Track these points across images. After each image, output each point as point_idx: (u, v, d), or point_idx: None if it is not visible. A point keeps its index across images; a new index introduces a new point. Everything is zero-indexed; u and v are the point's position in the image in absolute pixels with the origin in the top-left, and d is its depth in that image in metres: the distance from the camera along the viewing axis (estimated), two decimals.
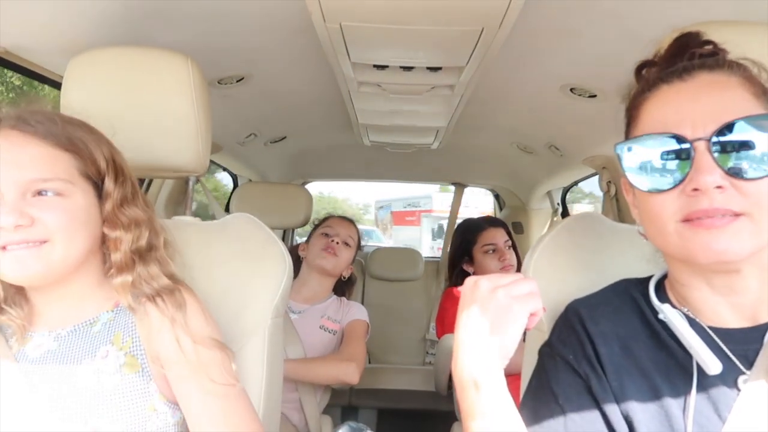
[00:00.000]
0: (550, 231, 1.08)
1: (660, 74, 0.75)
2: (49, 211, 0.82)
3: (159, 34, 1.34)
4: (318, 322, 1.99)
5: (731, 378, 0.70)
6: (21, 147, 0.82)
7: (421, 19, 1.24)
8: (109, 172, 0.90)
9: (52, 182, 0.82)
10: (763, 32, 0.86)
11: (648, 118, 0.73)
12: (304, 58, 1.65)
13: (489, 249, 2.23)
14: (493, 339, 0.72)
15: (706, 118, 0.67)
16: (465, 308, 0.75)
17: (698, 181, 0.65)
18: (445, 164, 3.28)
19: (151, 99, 1.06)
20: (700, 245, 0.66)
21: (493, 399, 0.71)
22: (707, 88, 0.70)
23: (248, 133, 2.40)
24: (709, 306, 0.74)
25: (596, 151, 2.18)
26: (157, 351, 0.89)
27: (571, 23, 1.31)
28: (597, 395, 0.75)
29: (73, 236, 0.84)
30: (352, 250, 2.17)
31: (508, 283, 0.74)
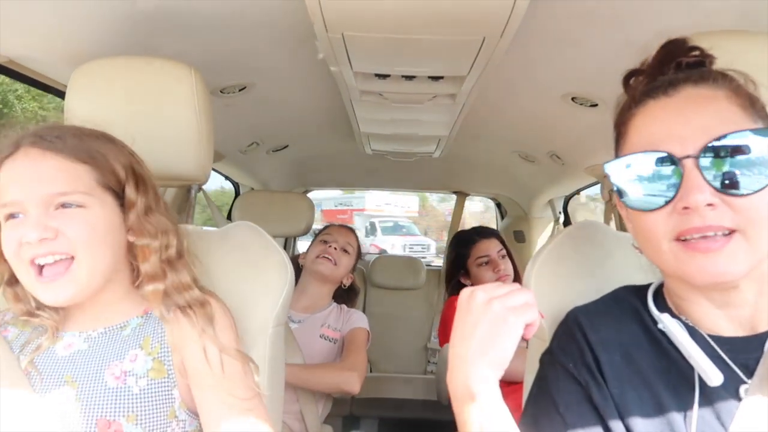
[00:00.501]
0: (552, 240, 1.08)
1: (646, 89, 0.74)
2: (71, 224, 0.85)
3: (162, 44, 1.34)
4: (318, 330, 1.98)
5: (733, 387, 0.70)
6: (40, 162, 0.85)
7: (423, 28, 1.25)
8: (129, 181, 0.92)
9: (72, 195, 0.85)
10: (764, 42, 0.86)
11: (635, 134, 0.73)
12: (306, 68, 1.65)
13: (482, 261, 2.22)
14: (488, 350, 0.71)
15: (694, 135, 0.66)
16: (460, 319, 0.75)
17: (688, 199, 0.65)
18: (446, 173, 3.28)
19: (154, 108, 1.06)
20: (697, 268, 0.66)
21: (489, 410, 0.71)
22: (693, 103, 0.69)
23: (250, 142, 2.41)
24: (708, 317, 0.74)
25: (598, 159, 2.18)
26: (184, 360, 0.91)
27: (572, 33, 1.31)
28: (597, 404, 0.74)
29: (96, 248, 0.87)
30: (352, 258, 2.16)
31: (504, 294, 0.74)
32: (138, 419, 0.87)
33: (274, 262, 1.13)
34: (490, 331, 0.72)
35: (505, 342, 0.71)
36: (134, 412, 0.87)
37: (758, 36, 0.89)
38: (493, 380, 0.72)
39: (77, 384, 0.88)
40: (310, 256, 2.12)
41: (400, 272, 3.51)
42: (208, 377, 0.90)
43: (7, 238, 0.85)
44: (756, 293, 0.71)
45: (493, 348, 0.71)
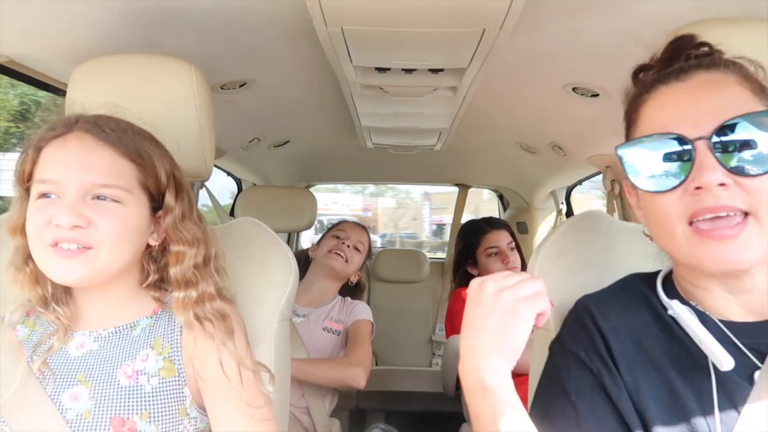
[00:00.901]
0: (554, 230, 1.08)
1: (657, 76, 0.75)
2: (104, 217, 0.85)
3: (162, 41, 1.34)
4: (322, 324, 1.98)
5: (746, 372, 0.70)
6: (91, 150, 0.86)
7: (423, 21, 1.25)
8: (170, 186, 0.93)
9: (113, 189, 0.86)
10: (763, 29, 0.86)
11: (647, 119, 0.74)
12: (306, 62, 1.65)
13: (492, 252, 2.22)
14: (500, 342, 0.71)
15: (706, 117, 0.67)
16: (470, 311, 0.75)
17: (701, 179, 0.65)
18: (448, 165, 3.28)
19: (155, 105, 1.06)
20: (711, 256, 0.66)
21: (501, 401, 0.70)
22: (705, 86, 0.70)
23: (251, 138, 2.41)
24: (719, 303, 0.74)
25: (600, 149, 2.17)
26: (199, 370, 0.92)
27: (572, 23, 1.31)
28: (610, 391, 0.74)
29: (121, 245, 0.87)
30: (362, 256, 2.17)
31: (514, 284, 0.73)
32: (151, 417, 0.88)
33: (278, 257, 1.13)
34: (502, 323, 0.71)
35: (516, 333, 0.71)
36: (147, 410, 0.88)
37: (759, 23, 0.89)
38: (505, 371, 0.71)
39: (90, 383, 0.88)
40: (321, 249, 2.11)
41: (403, 265, 3.52)
42: (223, 388, 0.91)
43: (35, 215, 0.84)
44: (766, 278, 0.71)
45: (505, 339, 0.71)
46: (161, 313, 0.97)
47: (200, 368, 0.92)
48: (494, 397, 0.70)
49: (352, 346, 1.93)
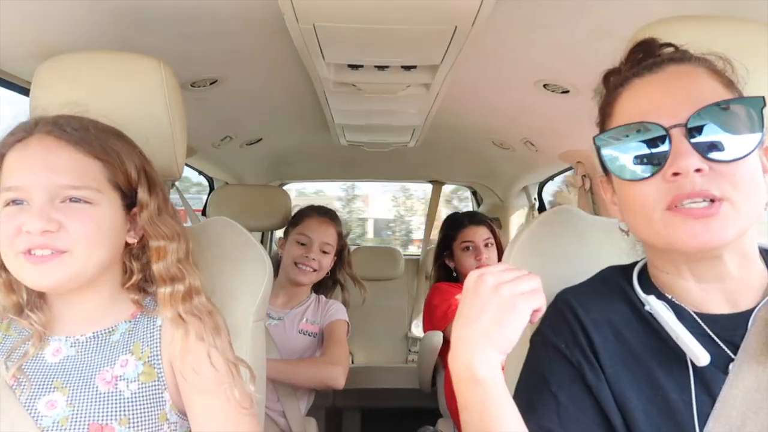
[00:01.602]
0: (527, 225, 1.09)
1: (631, 71, 0.76)
2: (75, 219, 0.83)
3: (130, 38, 1.32)
4: (297, 326, 1.94)
5: (722, 364, 0.71)
6: (54, 152, 0.83)
7: (394, 18, 1.25)
8: (141, 182, 0.91)
9: (82, 190, 0.84)
10: (729, 26, 0.88)
11: (622, 111, 0.75)
12: (278, 60, 1.64)
13: (466, 246, 2.24)
14: (493, 335, 0.71)
15: (680, 105, 0.69)
16: (466, 302, 0.75)
17: (678, 165, 0.67)
18: (422, 162, 3.29)
19: (123, 104, 1.04)
20: (687, 234, 0.68)
21: (492, 393, 0.71)
22: (678, 77, 0.72)
23: (223, 136, 2.38)
24: (693, 293, 0.76)
25: (571, 145, 2.20)
26: (182, 366, 0.90)
27: (543, 19, 1.32)
28: (590, 383, 0.75)
29: (96, 246, 0.86)
30: (333, 252, 2.07)
31: (513, 279, 0.74)
32: (130, 422, 0.86)
33: (252, 257, 1.12)
34: (497, 316, 0.71)
35: (511, 327, 0.71)
36: (126, 415, 0.87)
37: (724, 20, 0.91)
38: (496, 364, 0.72)
39: (68, 390, 0.87)
40: (287, 255, 2.00)
41: (378, 263, 3.52)
42: (211, 384, 0.89)
43: (4, 223, 0.82)
44: (738, 266, 0.73)
45: (499, 333, 0.71)
46: (140, 317, 0.95)
47: (185, 366, 0.90)
48: (484, 389, 0.71)
49: (330, 345, 1.90)
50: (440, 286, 2.28)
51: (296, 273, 1.96)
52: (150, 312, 0.95)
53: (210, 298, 0.98)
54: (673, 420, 0.70)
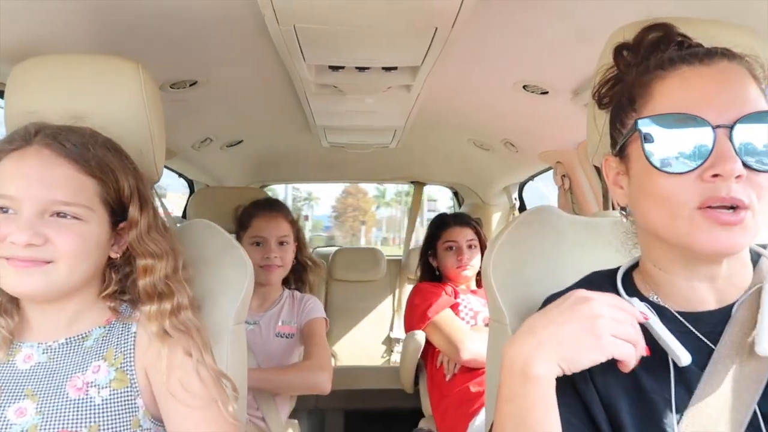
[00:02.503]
0: (508, 225, 1.10)
1: (679, 54, 0.74)
2: (63, 235, 0.82)
3: (107, 40, 1.30)
4: (274, 329, 1.88)
5: (705, 360, 0.72)
6: (51, 167, 0.83)
7: (375, 19, 1.25)
8: (134, 200, 0.91)
9: (74, 207, 0.84)
10: (702, 28, 0.89)
11: (667, 97, 0.72)
12: (258, 61, 1.63)
13: (449, 246, 2.25)
14: (566, 348, 0.69)
15: (729, 106, 0.67)
16: (557, 308, 0.72)
17: (722, 167, 0.65)
18: (403, 163, 3.30)
19: (101, 107, 1.03)
20: (710, 237, 0.67)
21: (542, 394, 0.69)
22: (728, 75, 0.70)
23: (203, 138, 2.36)
24: (683, 291, 0.76)
25: (550, 146, 2.23)
26: (171, 382, 0.88)
27: (522, 21, 1.34)
28: (578, 387, 0.76)
29: (79, 262, 0.85)
30: (290, 244, 1.96)
31: (620, 319, 0.70)
32: (101, 429, 0.85)
33: (232, 259, 1.12)
34: (580, 337, 0.68)
35: (586, 354, 0.68)
36: (96, 422, 0.85)
37: (700, 23, 0.93)
38: (554, 371, 0.69)
39: (38, 397, 0.85)
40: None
41: (360, 265, 3.52)
42: (198, 400, 0.88)
43: None
44: (729, 267, 0.74)
45: (570, 350, 0.68)
46: (115, 323, 0.93)
47: (172, 382, 0.88)
48: (536, 388, 0.69)
49: (312, 348, 1.85)
50: (421, 285, 2.29)
51: (263, 274, 1.89)
52: (125, 318, 0.94)
53: (198, 311, 0.97)
54: (655, 420, 0.71)
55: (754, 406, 0.67)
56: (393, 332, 3.40)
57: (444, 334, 2.03)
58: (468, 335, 1.98)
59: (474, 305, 2.14)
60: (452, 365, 2.06)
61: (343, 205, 43.76)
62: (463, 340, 1.95)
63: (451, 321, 2.05)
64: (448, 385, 2.05)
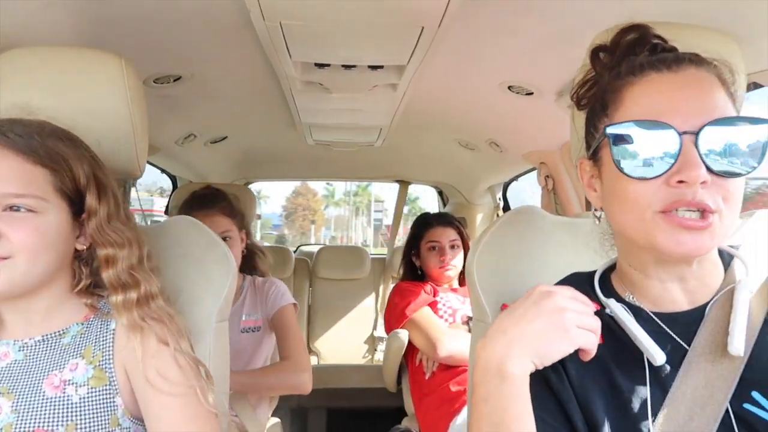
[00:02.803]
0: (492, 225, 1.11)
1: (648, 61, 0.75)
2: (18, 229, 0.80)
3: (89, 32, 1.28)
4: (238, 325, 1.81)
5: (678, 361, 0.73)
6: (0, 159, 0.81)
7: (362, 17, 1.25)
8: (90, 189, 0.88)
9: (26, 198, 0.81)
10: (685, 32, 0.91)
11: (635, 103, 0.74)
12: (244, 57, 1.62)
13: (432, 246, 2.26)
14: (536, 343, 0.71)
15: (695, 112, 0.69)
16: (523, 305, 0.74)
17: (687, 174, 0.67)
18: (388, 162, 3.30)
19: (83, 101, 1.01)
20: (675, 241, 0.68)
21: (517, 393, 0.71)
22: (696, 82, 0.72)
23: (187, 134, 2.34)
24: (657, 292, 0.77)
25: (534, 146, 2.25)
26: (148, 371, 0.87)
27: (508, 22, 1.34)
28: (554, 387, 0.77)
29: (38, 255, 0.83)
30: (235, 235, 1.81)
31: (581, 310, 0.73)
32: (78, 428, 0.84)
33: (215, 256, 1.11)
34: (549, 331, 0.71)
35: (556, 347, 0.71)
36: (74, 420, 0.84)
37: (682, 28, 0.94)
38: (528, 368, 0.71)
39: (14, 395, 0.84)
40: None
41: (344, 263, 3.52)
42: (177, 387, 0.87)
43: None
44: (701, 267, 0.75)
45: (542, 345, 0.71)
46: (93, 320, 0.92)
47: (149, 370, 0.87)
48: (511, 387, 0.71)
49: (287, 344, 1.79)
50: (401, 284, 2.30)
51: None
52: (104, 315, 0.92)
53: (173, 301, 0.96)
54: (630, 419, 0.72)
55: (726, 405, 0.69)
56: (376, 331, 3.41)
57: (422, 331, 2.04)
58: (445, 333, 2.00)
59: (453, 303, 2.16)
60: (431, 363, 2.07)
61: (294, 205, 43.71)
62: (440, 338, 1.97)
63: (429, 319, 2.06)
64: (428, 383, 2.06)
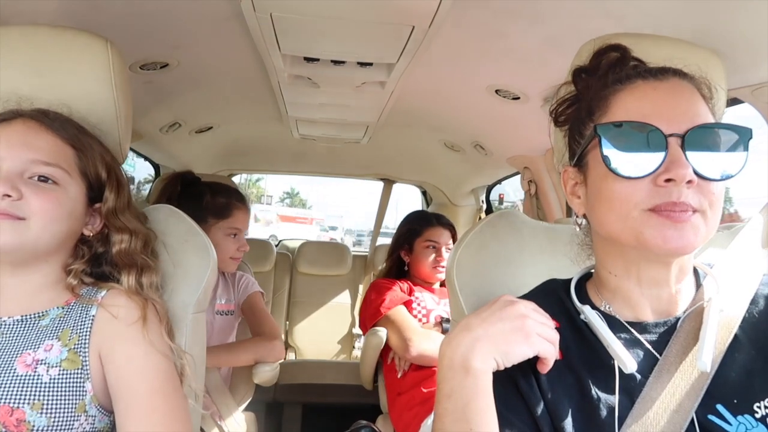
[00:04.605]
0: (473, 227, 1.12)
1: (635, 71, 0.79)
2: (39, 194, 0.87)
3: (74, 12, 1.26)
4: (213, 308, 1.87)
5: (649, 368, 0.75)
6: (34, 133, 0.90)
7: (353, 13, 1.25)
8: (110, 180, 0.98)
9: (53, 167, 0.89)
10: (670, 47, 0.92)
11: (622, 107, 0.76)
12: (233, 47, 1.61)
13: (430, 245, 2.25)
14: (500, 343, 0.74)
15: (680, 117, 0.72)
16: (488, 309, 0.78)
17: (675, 172, 0.69)
18: (373, 160, 3.30)
19: (66, 83, 1.00)
20: (662, 236, 0.70)
21: (480, 387, 0.73)
22: (681, 90, 0.75)
23: (172, 122, 2.32)
24: (633, 298, 0.79)
25: (519, 150, 2.26)
26: (127, 353, 0.91)
27: (497, 26, 1.35)
28: (522, 391, 0.78)
29: (52, 223, 0.89)
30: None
31: (542, 321, 0.77)
32: (44, 408, 0.84)
33: (194, 246, 1.10)
34: (510, 333, 0.74)
35: (516, 349, 0.74)
36: (40, 400, 0.84)
37: (662, 40, 0.96)
38: (491, 364, 0.74)
39: None
40: (224, 254, 1.82)
41: (326, 259, 3.51)
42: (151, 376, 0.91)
43: None
44: (677, 278, 0.78)
45: (505, 344, 0.74)
46: (74, 305, 0.93)
47: (129, 351, 0.91)
48: (475, 381, 0.73)
49: (258, 321, 1.89)
50: (378, 282, 2.29)
51: (231, 265, 1.93)
52: (85, 301, 0.94)
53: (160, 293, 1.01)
54: (597, 424, 0.74)
55: (692, 414, 0.71)
56: (355, 328, 3.41)
57: (395, 330, 2.04)
58: (417, 333, 2.00)
59: (428, 303, 2.16)
60: (402, 362, 2.08)
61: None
62: (412, 338, 1.97)
63: (403, 317, 2.07)
64: (400, 382, 2.07)
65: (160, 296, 1.00)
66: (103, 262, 0.99)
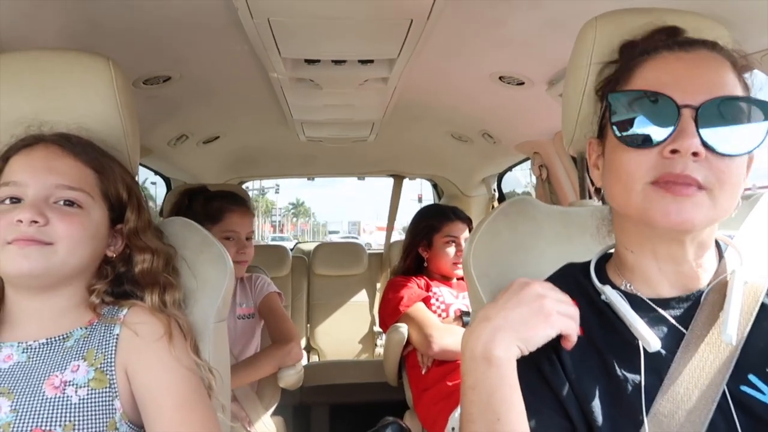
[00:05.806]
0: (487, 216, 1.11)
1: (663, 43, 0.77)
2: (64, 219, 0.88)
3: (76, 34, 1.27)
4: (235, 313, 1.90)
5: (675, 343, 0.74)
6: (56, 157, 0.91)
7: (350, 12, 1.24)
8: (131, 201, 0.99)
9: (76, 192, 0.90)
10: (675, 19, 0.91)
11: (642, 77, 0.75)
12: (233, 55, 1.61)
13: (450, 240, 2.23)
14: (521, 328, 0.73)
15: (699, 89, 0.69)
16: (505, 296, 0.77)
17: (680, 143, 0.67)
18: (382, 156, 3.29)
19: (72, 104, 1.01)
20: (663, 211, 0.69)
21: (504, 376, 0.72)
22: (705, 62, 0.73)
23: (179, 135, 2.33)
24: (652, 274, 0.78)
25: (528, 136, 2.25)
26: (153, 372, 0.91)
27: (496, 12, 1.34)
28: (547, 376, 0.77)
29: (77, 247, 0.90)
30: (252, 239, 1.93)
31: (559, 299, 0.76)
32: (75, 429, 0.85)
33: (211, 256, 1.10)
34: (531, 317, 0.73)
35: (538, 331, 0.73)
36: (71, 421, 0.85)
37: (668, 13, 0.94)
38: (514, 351, 0.73)
39: (13, 395, 0.85)
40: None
41: (342, 259, 3.52)
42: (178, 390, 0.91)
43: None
44: (695, 254, 0.76)
45: (525, 330, 0.73)
46: (97, 324, 0.94)
47: (155, 369, 0.91)
48: (498, 371, 0.72)
49: (274, 324, 1.90)
50: (394, 280, 2.28)
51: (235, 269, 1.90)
52: (108, 320, 0.94)
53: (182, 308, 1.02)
54: (625, 404, 0.73)
55: (723, 387, 0.69)
56: (376, 326, 3.41)
57: (415, 326, 2.04)
58: (438, 328, 1.99)
59: (446, 298, 2.15)
60: (425, 358, 2.07)
61: None
62: (433, 334, 1.96)
63: (423, 314, 2.05)
64: (425, 378, 2.06)
65: (183, 312, 1.01)
66: (124, 281, 1.00)
